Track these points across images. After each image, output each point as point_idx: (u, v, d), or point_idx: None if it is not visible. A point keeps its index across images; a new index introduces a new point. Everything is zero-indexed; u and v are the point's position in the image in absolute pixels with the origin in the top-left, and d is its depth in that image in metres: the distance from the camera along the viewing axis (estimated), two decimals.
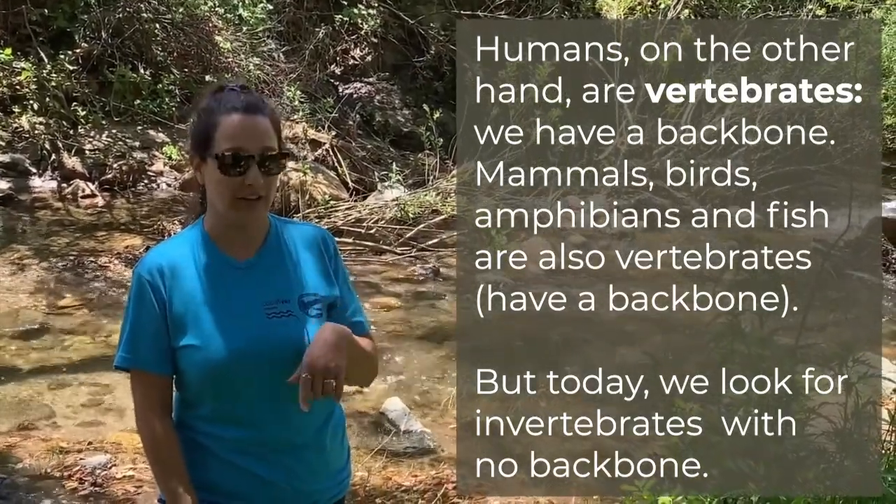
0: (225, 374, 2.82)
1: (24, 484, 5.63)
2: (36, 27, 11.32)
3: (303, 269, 2.96)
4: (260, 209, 2.85)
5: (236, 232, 2.90)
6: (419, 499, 5.82)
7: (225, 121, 2.79)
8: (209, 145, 2.79)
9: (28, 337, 7.60)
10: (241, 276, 2.90)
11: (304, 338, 2.86)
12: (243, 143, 2.77)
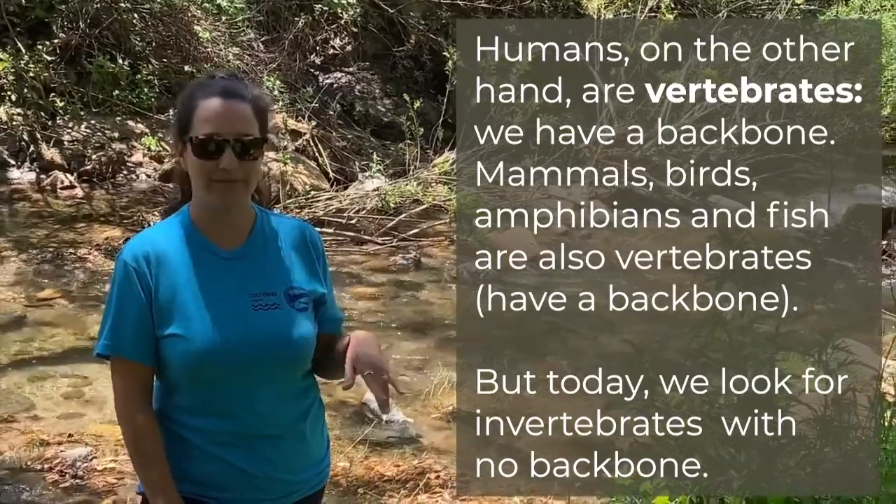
0: (209, 364, 2.81)
1: (3, 476, 5.63)
2: (13, 18, 11.29)
3: (290, 263, 2.97)
4: (238, 192, 2.83)
5: (221, 220, 2.90)
6: (402, 488, 5.83)
7: (203, 104, 2.80)
8: (188, 129, 2.80)
9: (7, 329, 7.59)
10: (228, 267, 2.89)
11: (290, 330, 2.89)
12: (219, 128, 2.76)
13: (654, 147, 13.12)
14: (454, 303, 9.15)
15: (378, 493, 5.75)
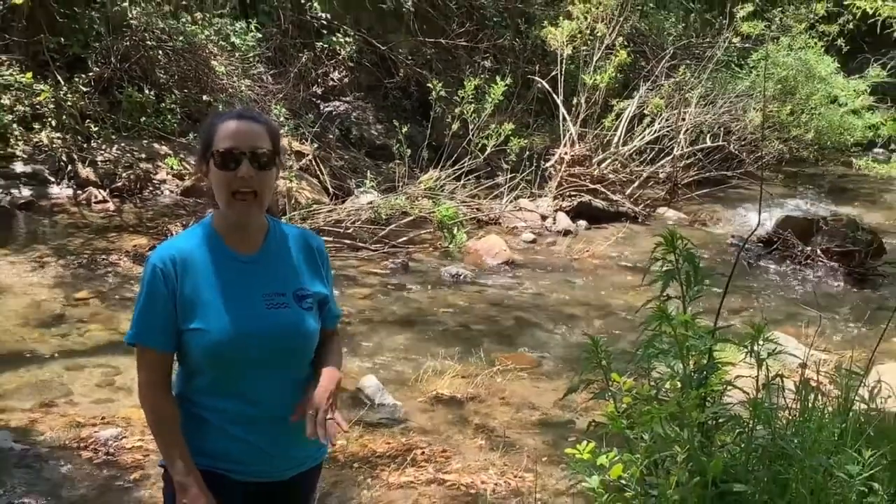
0: (227, 354, 2.84)
1: (45, 454, 5.61)
2: (53, 54, 11.25)
3: (298, 268, 2.99)
4: (254, 207, 2.85)
5: (239, 230, 2.92)
6: (391, 463, 5.81)
7: (222, 126, 2.85)
8: (210, 147, 2.83)
9: (48, 325, 7.55)
10: (245, 270, 2.91)
11: (297, 326, 2.92)
12: (236, 143, 2.80)
13: (609, 166, 13.17)
14: (438, 301, 9.14)
15: (371, 468, 5.74)
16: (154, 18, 11.61)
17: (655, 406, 3.86)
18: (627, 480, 3.66)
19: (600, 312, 9.10)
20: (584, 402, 4.22)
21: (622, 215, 12.51)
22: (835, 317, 9.40)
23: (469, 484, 5.61)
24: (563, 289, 9.83)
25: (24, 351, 7.11)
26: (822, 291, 10.44)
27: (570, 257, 10.95)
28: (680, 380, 3.90)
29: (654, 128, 13.56)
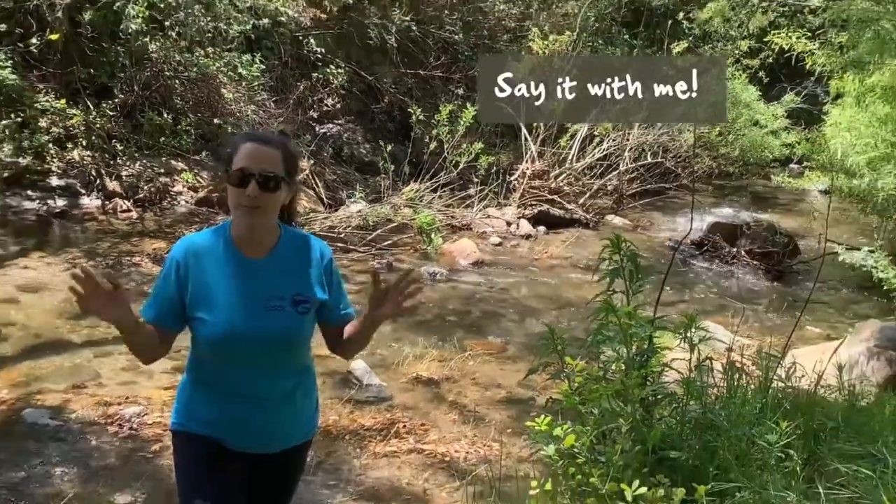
0: (225, 345, 2.84)
1: (76, 429, 5.57)
2: (84, 83, 11.18)
3: (302, 275, 2.94)
4: (257, 217, 2.83)
5: (247, 236, 2.90)
6: (377, 435, 5.81)
7: (242, 146, 2.85)
8: (230, 165, 2.84)
9: (79, 318, 7.47)
10: (251, 272, 2.89)
11: (288, 328, 2.90)
12: (248, 164, 2.79)
13: (565, 179, 13.20)
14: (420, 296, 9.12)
15: (359, 439, 5.73)
16: (171, 52, 11.55)
17: (603, 385, 3.87)
18: (579, 449, 3.67)
19: (557, 305, 9.12)
20: (542, 381, 4.23)
21: (576, 222, 12.54)
22: (756, 308, 9.46)
23: (444, 452, 5.62)
24: (524, 285, 9.85)
25: (59, 340, 7.06)
26: (746, 286, 10.51)
27: (531, 258, 10.96)
28: (624, 362, 3.91)
29: (603, 147, 13.61)
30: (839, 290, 10.28)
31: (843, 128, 10.28)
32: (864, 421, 4.48)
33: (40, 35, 10.90)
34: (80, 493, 4.83)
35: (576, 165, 13.37)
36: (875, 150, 9.77)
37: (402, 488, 5.16)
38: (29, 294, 7.95)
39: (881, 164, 9.87)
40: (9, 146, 10.24)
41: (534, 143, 13.20)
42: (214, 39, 11.80)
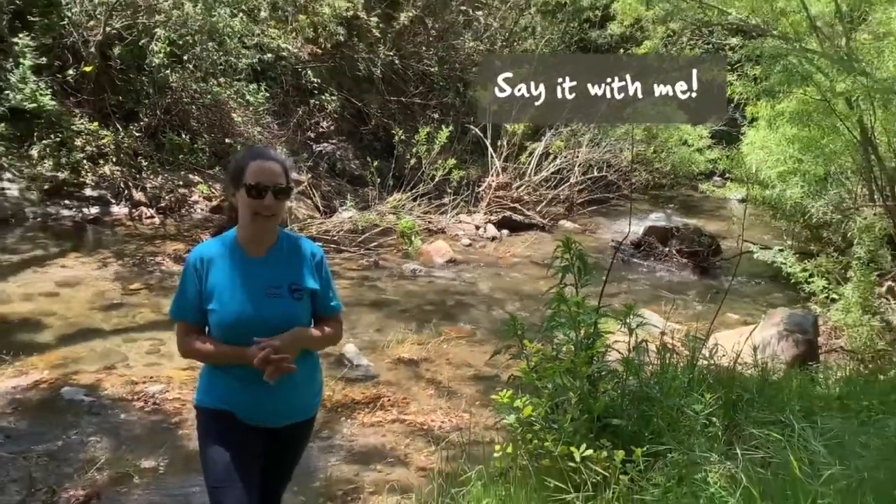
0: (234, 329, 2.85)
1: (107, 404, 5.54)
2: (114, 108, 11.10)
3: (295, 268, 2.97)
4: (271, 223, 2.92)
5: (255, 239, 2.94)
6: (365, 408, 5.81)
7: (252, 164, 2.88)
8: (241, 179, 2.86)
9: (109, 309, 7.43)
10: (254, 267, 2.92)
11: (287, 312, 2.91)
12: (262, 179, 2.84)
13: (524, 190, 13.22)
14: (400, 289, 9.13)
15: (350, 411, 5.73)
16: (189, 82, 11.48)
17: (556, 363, 3.88)
18: (536, 418, 3.68)
19: (517, 296, 9.14)
20: (505, 361, 4.23)
21: (534, 226, 12.57)
22: (685, 298, 9.53)
23: (422, 422, 5.63)
24: (490, 279, 9.86)
25: (92, 328, 7.00)
26: (676, 280, 10.58)
27: (496, 257, 10.98)
28: (573, 344, 3.93)
29: (557, 163, 13.64)
30: (754, 282, 10.37)
31: (757, 146, 10.37)
32: (775, 393, 4.53)
33: (76, 67, 10.84)
34: (111, 459, 4.80)
35: (534, 178, 13.40)
36: (784, 165, 9.87)
37: (387, 452, 5.16)
38: (67, 289, 7.89)
39: (789, 177, 9.97)
40: (49, 162, 10.17)
41: (498, 159, 13.21)
42: (226, 71, 11.75)
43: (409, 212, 11.72)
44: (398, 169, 12.77)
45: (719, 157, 14.27)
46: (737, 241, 10.78)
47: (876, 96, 8.26)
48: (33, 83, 10.00)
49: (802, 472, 3.17)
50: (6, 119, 9.96)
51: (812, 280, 8.81)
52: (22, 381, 5.73)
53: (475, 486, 3.65)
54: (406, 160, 12.73)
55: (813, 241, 10.60)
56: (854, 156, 9.50)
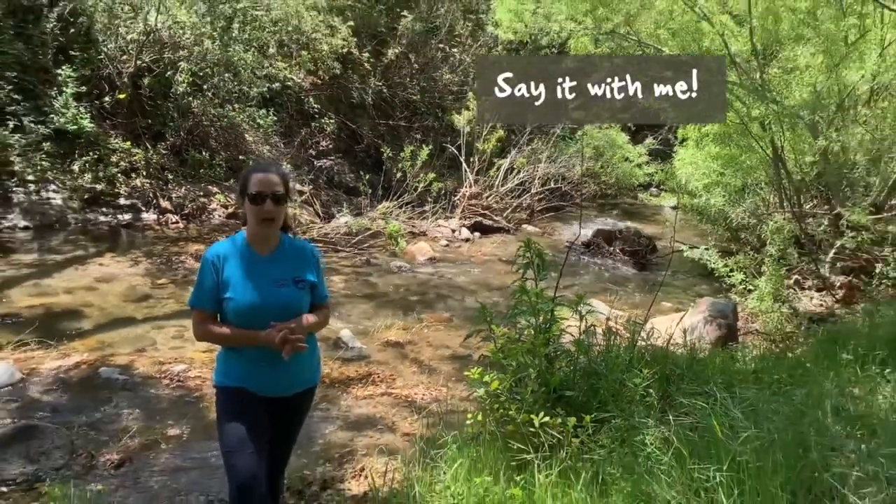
0: (248, 314, 2.86)
1: (139, 382, 5.48)
2: (144, 130, 10.98)
3: (297, 264, 2.98)
4: (273, 226, 2.93)
5: (260, 240, 2.94)
6: (358, 383, 5.79)
7: (253, 176, 2.91)
8: (246, 189, 2.89)
9: (140, 301, 7.35)
10: (262, 263, 2.92)
11: (292, 300, 2.92)
12: (262, 189, 2.87)
13: (493, 199, 13.24)
14: (388, 283, 9.10)
15: (345, 386, 5.70)
16: (208, 107, 11.39)
17: (519, 345, 3.89)
18: (501, 391, 3.69)
19: (487, 288, 9.15)
20: (476, 343, 4.23)
21: (501, 229, 12.58)
22: (626, 289, 9.58)
23: (407, 395, 5.61)
24: (465, 275, 9.86)
25: (125, 317, 6.92)
26: (619, 274, 10.64)
27: (469, 255, 10.98)
28: (533, 328, 3.94)
29: (520, 176, 13.66)
30: (684, 276, 10.45)
31: (686, 162, 10.45)
32: (701, 368, 4.56)
33: (111, 95, 10.73)
34: (142, 428, 4.75)
35: (501, 189, 13.41)
36: (709, 178, 9.95)
37: (377, 420, 5.14)
38: (103, 283, 7.79)
39: (713, 188, 10.05)
40: (88, 175, 10.06)
41: (471, 172, 13.21)
42: (239, 98, 11.68)
43: (396, 217, 11.69)
44: (386, 181, 12.74)
45: (655, 171, 14.37)
46: (669, 241, 10.86)
47: (785, 120, 8.36)
48: (74, 108, 9.91)
49: (724, 434, 3.21)
50: (52, 139, 9.86)
51: (732, 274, 8.90)
52: (65, 362, 5.66)
53: (451, 448, 3.65)
54: (393, 174, 12.70)
55: (733, 242, 10.69)
56: (767, 170, 9.61)
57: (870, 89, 8.94)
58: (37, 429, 4.50)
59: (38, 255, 8.54)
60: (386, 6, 14.99)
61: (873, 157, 8.93)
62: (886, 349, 5.12)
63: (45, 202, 9.71)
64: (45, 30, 10.18)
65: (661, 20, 9.37)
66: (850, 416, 3.71)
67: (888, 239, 8.37)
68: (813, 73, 8.37)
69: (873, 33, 8.40)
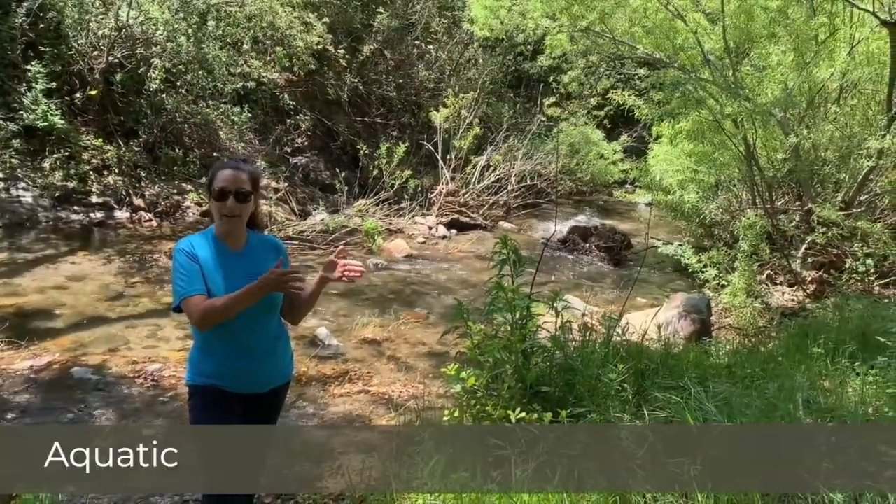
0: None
1: (113, 381, 5.42)
2: (116, 126, 10.82)
3: (267, 260, 2.93)
4: (236, 223, 2.88)
5: (228, 236, 2.91)
6: (335, 381, 5.77)
7: (220, 173, 2.87)
8: (212, 186, 2.85)
9: (113, 300, 7.26)
10: (234, 258, 2.89)
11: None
12: (226, 185, 2.83)
13: (470, 196, 13.24)
14: (365, 280, 9.07)
15: (322, 384, 5.68)
16: (182, 104, 11.25)
17: (495, 341, 3.90)
18: (478, 387, 3.69)
19: (464, 285, 9.15)
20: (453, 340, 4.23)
21: (478, 226, 12.59)
22: (602, 285, 9.65)
23: (384, 392, 5.60)
24: (441, 272, 9.86)
25: (98, 316, 6.83)
26: (594, 270, 10.70)
27: (446, 252, 10.98)
28: (510, 325, 3.94)
29: (496, 173, 13.68)
30: (658, 272, 10.54)
31: (660, 159, 10.53)
32: (675, 363, 4.60)
33: (82, 91, 10.56)
34: (116, 428, 4.69)
35: (477, 186, 13.41)
36: (682, 175, 10.03)
37: (354, 417, 5.13)
38: (75, 282, 7.67)
39: (687, 184, 10.14)
40: (60, 173, 9.89)
41: (448, 170, 13.20)
42: (213, 95, 11.55)
43: (373, 215, 11.65)
44: (363, 178, 12.68)
45: (630, 169, 14.47)
46: (644, 238, 10.94)
47: (757, 118, 8.46)
48: (45, 105, 9.73)
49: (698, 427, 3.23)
50: (21, 136, 9.68)
51: (706, 270, 8.99)
52: (36, 362, 5.57)
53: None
54: (370, 171, 12.65)
55: (706, 238, 10.80)
56: (739, 167, 9.72)
57: (839, 87, 9.09)
58: (7, 431, 4.42)
59: (9, 253, 8.39)
60: (361, 2, 14.92)
61: (843, 153, 9.07)
62: (856, 343, 5.21)
63: (15, 200, 9.53)
64: (14, 25, 9.99)
65: (635, 18, 9.44)
66: (820, 409, 3.77)
67: (857, 234, 8.50)
68: (784, 70, 8.48)
69: (843, 32, 8.53)
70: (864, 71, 8.35)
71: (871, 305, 6.50)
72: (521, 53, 17.10)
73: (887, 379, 4.31)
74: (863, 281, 8.31)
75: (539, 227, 13.11)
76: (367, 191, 12.31)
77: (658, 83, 10.73)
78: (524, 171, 14.12)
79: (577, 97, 16.61)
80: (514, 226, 13.07)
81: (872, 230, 8.29)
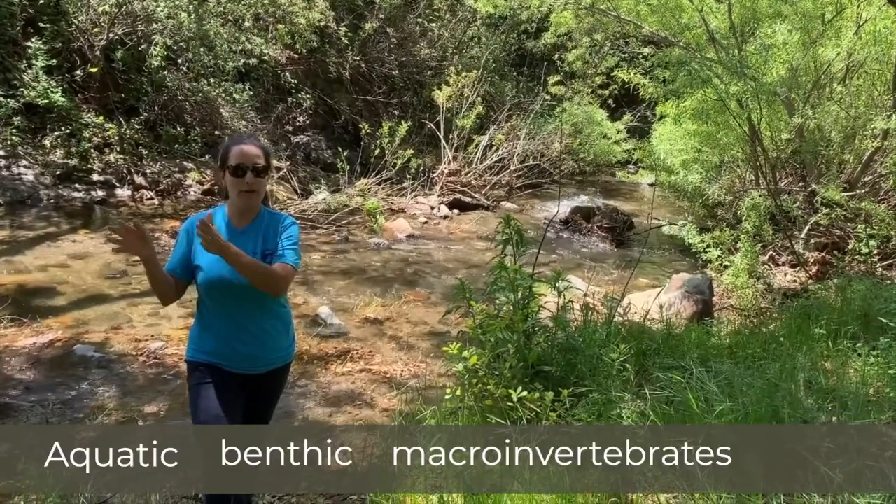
0: (216, 286, 2.84)
1: (115, 359, 5.43)
2: (117, 104, 10.76)
3: (270, 237, 2.92)
4: (254, 198, 2.90)
5: (240, 212, 2.92)
6: (337, 360, 5.78)
7: (234, 148, 2.87)
8: (226, 162, 2.86)
9: (115, 278, 7.26)
10: (236, 235, 2.87)
11: None
12: (243, 161, 2.84)
13: (472, 175, 13.20)
14: (367, 259, 9.07)
15: (324, 363, 5.70)
16: (183, 82, 11.18)
17: (497, 321, 3.90)
18: (480, 366, 3.69)
19: (466, 265, 9.15)
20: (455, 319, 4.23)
21: (480, 206, 12.56)
22: (604, 266, 9.63)
23: (386, 371, 5.62)
24: (443, 251, 9.85)
25: (100, 294, 6.84)
26: (597, 251, 10.69)
27: (448, 232, 10.96)
28: (512, 304, 3.94)
29: (499, 152, 13.62)
30: (661, 252, 10.53)
31: (664, 139, 10.48)
32: (677, 343, 4.61)
33: (83, 68, 10.50)
34: (118, 406, 4.71)
35: (479, 166, 13.37)
36: (686, 155, 9.98)
37: (356, 396, 5.15)
38: (77, 260, 7.68)
39: (690, 165, 10.10)
40: (61, 151, 9.86)
41: (450, 149, 13.14)
42: (215, 73, 11.47)
43: (374, 194, 11.62)
44: (365, 158, 12.63)
45: (633, 148, 14.40)
46: (647, 218, 10.91)
47: (762, 97, 8.39)
48: (45, 82, 9.68)
49: (699, 407, 3.24)
50: (21, 113, 9.64)
51: (708, 250, 8.97)
52: (39, 339, 5.59)
53: (430, 422, 3.66)
54: (371, 150, 12.59)
55: (709, 218, 10.77)
56: (743, 147, 9.66)
57: (845, 67, 9.00)
58: (10, 407, 4.44)
59: (10, 231, 8.38)
60: None
61: (847, 134, 9.00)
62: (857, 324, 5.21)
63: (17, 178, 9.51)
64: (13, 1, 9.91)
65: None
66: (822, 390, 3.77)
67: (861, 215, 8.47)
68: (790, 50, 8.40)
69: (849, 11, 8.44)
70: (870, 51, 8.26)
71: (874, 287, 6.49)
72: (525, 31, 16.94)
73: (889, 360, 4.31)
74: (865, 262, 8.28)
75: (541, 208, 13.07)
76: (368, 170, 12.26)
77: (663, 62, 10.63)
78: (527, 150, 14.06)
79: (581, 76, 16.47)
80: (517, 206, 13.03)
81: (876, 211, 8.26)
